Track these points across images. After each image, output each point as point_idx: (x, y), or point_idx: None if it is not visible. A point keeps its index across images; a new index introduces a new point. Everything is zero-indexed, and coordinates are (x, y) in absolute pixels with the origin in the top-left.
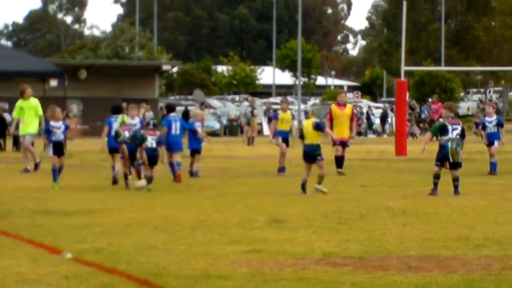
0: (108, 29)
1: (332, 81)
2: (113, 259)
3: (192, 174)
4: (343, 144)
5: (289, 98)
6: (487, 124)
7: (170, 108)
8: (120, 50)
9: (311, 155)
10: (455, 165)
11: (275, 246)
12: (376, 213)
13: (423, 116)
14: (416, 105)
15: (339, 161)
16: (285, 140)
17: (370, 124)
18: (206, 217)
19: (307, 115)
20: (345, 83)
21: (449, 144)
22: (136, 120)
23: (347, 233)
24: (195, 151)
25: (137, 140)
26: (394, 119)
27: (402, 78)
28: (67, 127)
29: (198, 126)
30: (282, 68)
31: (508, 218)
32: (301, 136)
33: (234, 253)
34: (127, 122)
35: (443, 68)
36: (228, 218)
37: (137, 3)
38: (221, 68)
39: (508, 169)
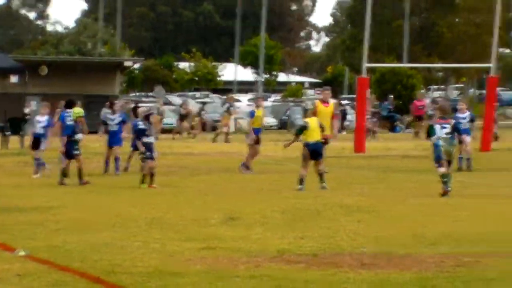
0: (72, 25)
1: (294, 78)
2: (67, 257)
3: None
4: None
5: (251, 95)
6: (460, 120)
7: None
8: (83, 46)
9: (319, 153)
10: (449, 163)
11: (229, 243)
12: (332, 210)
13: (383, 113)
14: (375, 102)
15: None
16: (257, 138)
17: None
18: (162, 214)
19: (306, 113)
20: (307, 79)
21: (441, 142)
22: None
23: (302, 230)
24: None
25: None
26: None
27: (364, 75)
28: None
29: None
30: (244, 64)
31: (465, 216)
32: (299, 133)
33: (189, 250)
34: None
35: (405, 65)
36: (184, 215)
37: None
38: (183, 65)
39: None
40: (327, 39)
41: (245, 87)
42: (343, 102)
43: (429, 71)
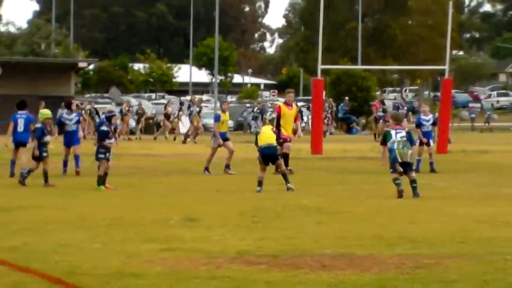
0: (24, 25)
1: (249, 79)
2: (27, 258)
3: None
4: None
5: (205, 97)
6: (424, 122)
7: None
8: (36, 47)
9: (270, 156)
10: (406, 165)
11: (189, 245)
12: (292, 212)
13: (339, 115)
14: (333, 105)
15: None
16: (224, 141)
17: None
18: (122, 215)
19: (264, 122)
20: (262, 81)
21: (395, 145)
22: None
23: (262, 231)
24: None
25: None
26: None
27: (319, 76)
28: None
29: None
30: (199, 66)
31: (422, 217)
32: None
33: (149, 251)
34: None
35: (360, 67)
36: (144, 216)
37: (54, 0)
38: (138, 66)
39: (423, 168)
40: (281, 41)
41: (200, 88)
42: (299, 104)
43: (384, 73)
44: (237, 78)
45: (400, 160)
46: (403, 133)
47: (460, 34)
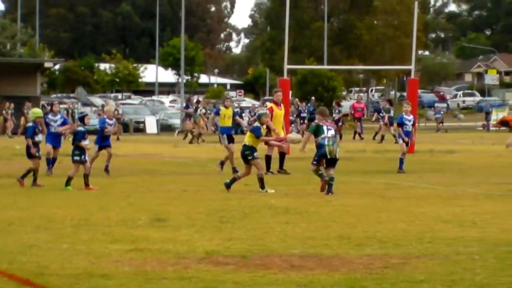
0: None
1: (215, 79)
2: None
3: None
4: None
5: (172, 97)
6: (406, 122)
7: None
8: (2, 47)
9: (243, 156)
10: (332, 162)
11: (157, 245)
12: (259, 212)
13: (303, 115)
14: (299, 104)
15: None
16: (230, 137)
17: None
18: (89, 215)
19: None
20: (228, 81)
21: (326, 141)
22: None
23: (229, 232)
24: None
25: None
26: None
27: (285, 76)
28: None
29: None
30: (165, 66)
31: (390, 217)
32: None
33: (116, 252)
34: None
35: (325, 66)
36: (111, 217)
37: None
38: (104, 66)
39: (391, 168)
40: (247, 41)
41: (166, 88)
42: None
43: (350, 73)
44: (203, 78)
45: (329, 156)
46: (333, 131)
47: (425, 34)
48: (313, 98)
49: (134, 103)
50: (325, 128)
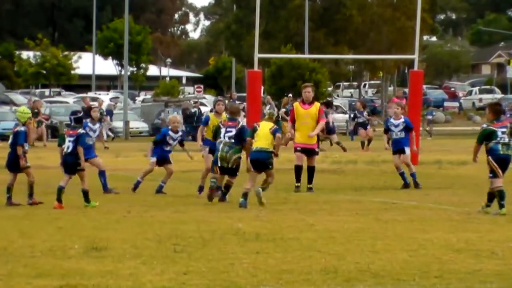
0: None
1: (168, 71)
2: None
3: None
4: (308, 151)
5: (113, 93)
6: (392, 128)
7: None
8: None
9: (263, 163)
10: (225, 171)
11: (94, 280)
12: (223, 239)
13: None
14: (272, 104)
15: (299, 172)
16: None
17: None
18: (8, 243)
19: (265, 116)
20: (184, 73)
21: (221, 146)
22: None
23: (185, 263)
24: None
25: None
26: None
27: (256, 68)
28: None
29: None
30: (105, 54)
31: (387, 245)
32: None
33: None
34: None
35: (307, 56)
36: (35, 245)
37: None
38: (27, 54)
39: (388, 183)
40: (207, 23)
41: (106, 82)
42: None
43: (337, 63)
44: (152, 70)
45: (219, 164)
46: (233, 132)
47: (432, 15)
48: (290, 95)
49: (66, 101)
50: (223, 130)
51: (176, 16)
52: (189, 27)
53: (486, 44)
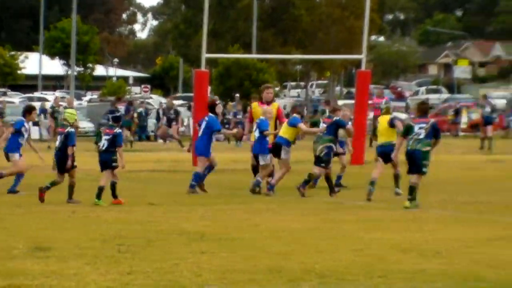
0: None
1: (115, 71)
2: None
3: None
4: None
5: (59, 93)
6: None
7: None
8: None
9: (388, 155)
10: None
11: (38, 280)
12: (168, 239)
13: (228, 116)
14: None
15: (255, 172)
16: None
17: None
18: None
19: (381, 110)
20: (130, 73)
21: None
22: None
23: (130, 263)
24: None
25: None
26: (191, 120)
27: (203, 68)
28: None
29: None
30: (51, 54)
31: (333, 245)
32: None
33: None
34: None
35: (254, 55)
36: None
37: None
38: None
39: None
40: (155, 23)
41: (52, 82)
42: (178, 102)
43: (285, 63)
44: (99, 70)
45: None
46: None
47: (380, 15)
48: (237, 95)
49: (12, 102)
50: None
51: (124, 16)
52: (137, 27)
53: (434, 44)
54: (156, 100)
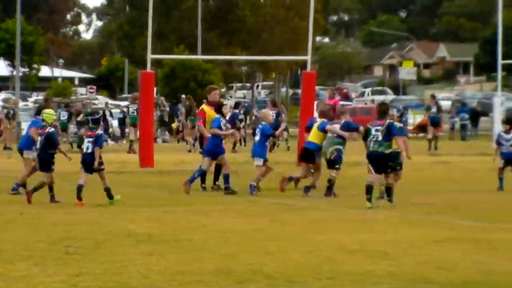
0: None
1: (60, 72)
2: None
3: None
4: None
5: (4, 94)
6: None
7: None
8: None
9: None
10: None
11: None
12: (115, 240)
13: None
14: (165, 104)
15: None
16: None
17: (106, 128)
18: None
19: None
20: (76, 74)
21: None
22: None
23: (78, 265)
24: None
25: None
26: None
27: (149, 68)
28: None
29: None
30: None
31: (281, 246)
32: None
33: None
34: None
35: (199, 56)
36: None
37: None
38: None
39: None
40: (100, 24)
41: None
42: (124, 103)
43: (230, 64)
44: (45, 71)
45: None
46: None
47: (325, 16)
48: (183, 96)
49: None
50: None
51: (69, 16)
52: (81, 27)
53: (378, 45)
54: (102, 101)
